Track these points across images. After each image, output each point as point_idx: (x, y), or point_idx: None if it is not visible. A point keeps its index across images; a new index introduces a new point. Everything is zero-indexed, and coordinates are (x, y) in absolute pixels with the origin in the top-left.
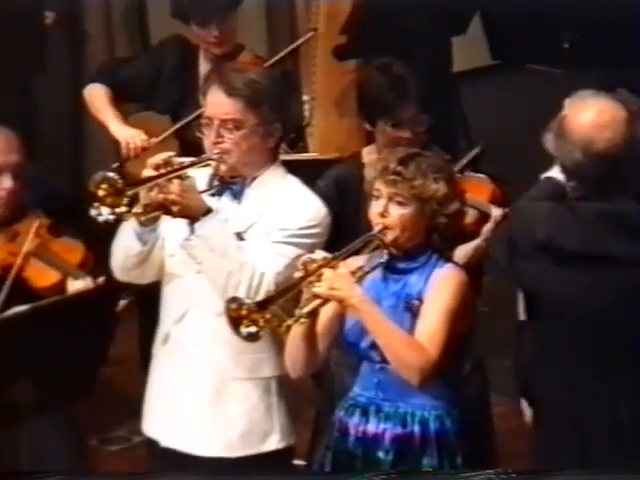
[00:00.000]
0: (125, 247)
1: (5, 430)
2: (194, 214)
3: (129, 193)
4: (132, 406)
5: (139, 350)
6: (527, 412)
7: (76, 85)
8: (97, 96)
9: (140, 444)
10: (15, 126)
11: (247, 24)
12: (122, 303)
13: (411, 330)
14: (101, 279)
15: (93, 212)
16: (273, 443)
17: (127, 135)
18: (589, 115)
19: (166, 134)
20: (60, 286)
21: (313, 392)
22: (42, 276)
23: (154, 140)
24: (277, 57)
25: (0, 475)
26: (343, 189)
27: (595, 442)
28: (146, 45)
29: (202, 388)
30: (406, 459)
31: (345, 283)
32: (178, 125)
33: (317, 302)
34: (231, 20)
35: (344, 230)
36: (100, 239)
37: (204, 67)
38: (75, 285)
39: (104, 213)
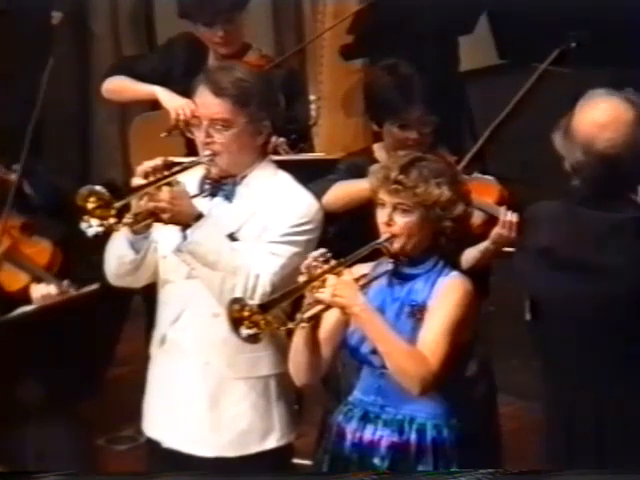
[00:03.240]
0: (118, 255)
1: (11, 429)
2: (185, 220)
3: (117, 205)
4: (139, 406)
5: (146, 350)
6: None
7: (82, 85)
8: (124, 81)
9: (147, 444)
10: (21, 126)
11: (254, 23)
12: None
13: (414, 336)
14: (65, 282)
15: (83, 225)
16: (273, 441)
17: (177, 105)
18: (593, 114)
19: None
20: (28, 289)
21: (320, 392)
22: (13, 280)
23: None
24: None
25: (7, 474)
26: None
27: (595, 442)
28: (153, 45)
29: (200, 388)
30: (402, 467)
31: (348, 291)
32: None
33: (319, 308)
34: (237, 20)
35: (354, 229)
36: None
37: (213, 64)
38: (39, 288)
39: (94, 225)
